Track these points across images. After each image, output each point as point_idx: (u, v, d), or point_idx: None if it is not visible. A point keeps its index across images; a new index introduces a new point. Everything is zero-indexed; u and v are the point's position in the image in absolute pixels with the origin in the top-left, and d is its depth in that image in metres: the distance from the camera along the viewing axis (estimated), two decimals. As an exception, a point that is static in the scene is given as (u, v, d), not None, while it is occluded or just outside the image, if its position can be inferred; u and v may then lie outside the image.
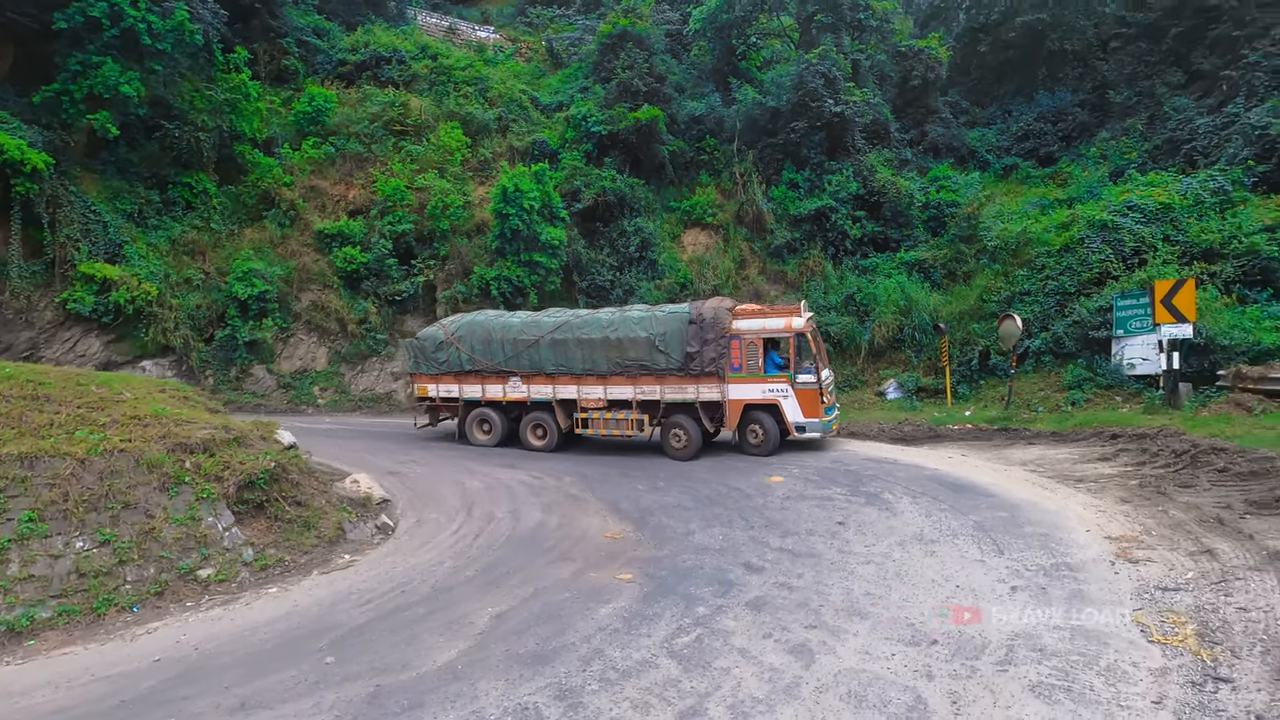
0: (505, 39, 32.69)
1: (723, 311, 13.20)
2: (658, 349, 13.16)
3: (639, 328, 13.34)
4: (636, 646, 5.94)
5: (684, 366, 13.08)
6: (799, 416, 12.86)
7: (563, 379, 14.01)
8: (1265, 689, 4.63)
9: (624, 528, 9.43)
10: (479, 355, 14.60)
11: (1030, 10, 24.18)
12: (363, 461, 12.83)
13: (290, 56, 24.96)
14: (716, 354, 12.92)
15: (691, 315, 13.13)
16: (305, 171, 22.40)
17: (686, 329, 13.06)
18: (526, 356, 14.17)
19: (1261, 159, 17.98)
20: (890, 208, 20.92)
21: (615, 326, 13.54)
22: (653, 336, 13.19)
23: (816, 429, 12.93)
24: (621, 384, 13.60)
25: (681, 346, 13.05)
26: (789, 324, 12.92)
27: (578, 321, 14.00)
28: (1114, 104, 23.57)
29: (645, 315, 13.63)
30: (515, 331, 14.34)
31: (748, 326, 13.05)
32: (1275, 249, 14.94)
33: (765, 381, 12.93)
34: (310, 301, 20.88)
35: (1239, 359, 13.21)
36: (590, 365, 13.73)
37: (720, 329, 12.94)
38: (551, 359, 13.99)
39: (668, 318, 13.33)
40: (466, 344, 14.73)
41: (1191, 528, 7.81)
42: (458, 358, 14.81)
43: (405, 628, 6.60)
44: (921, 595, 6.68)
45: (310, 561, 8.60)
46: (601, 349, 13.54)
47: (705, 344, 12.95)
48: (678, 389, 13.26)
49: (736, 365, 12.98)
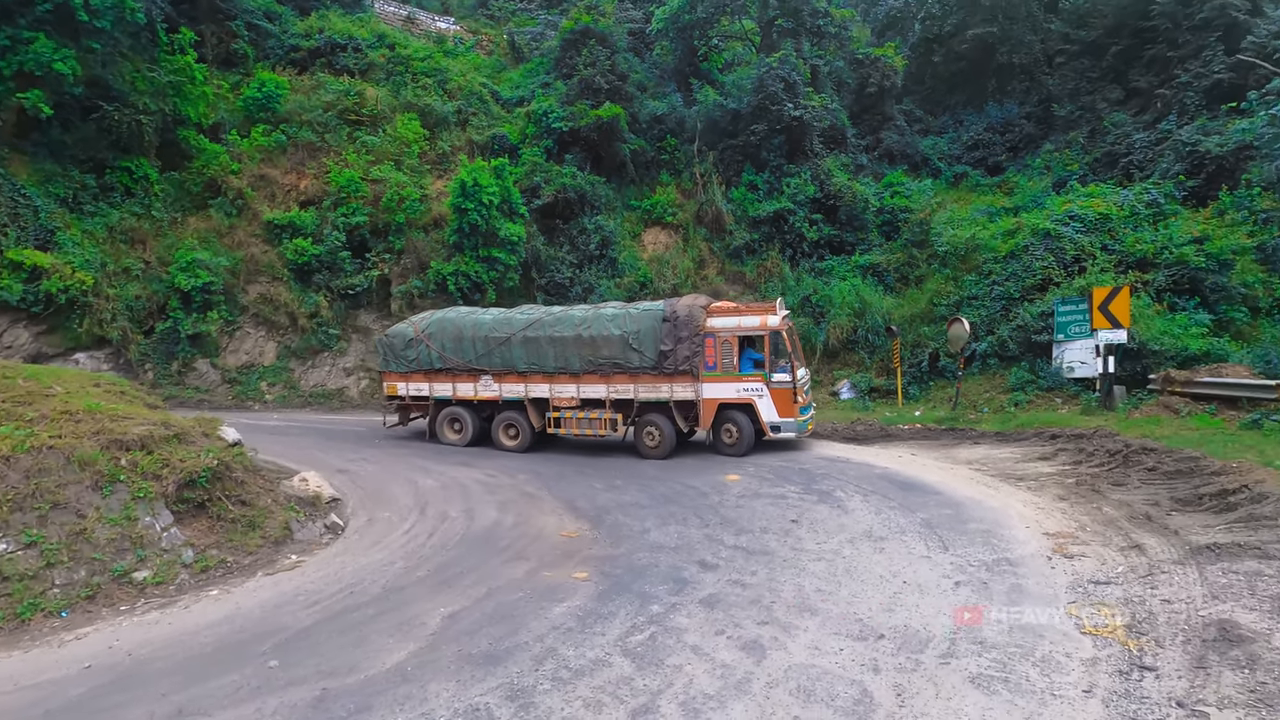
0: (466, 31, 32.19)
1: (697, 309, 13.08)
2: (631, 347, 13.00)
3: (613, 325, 13.18)
4: (590, 645, 5.93)
5: (658, 365, 12.94)
6: (774, 416, 12.80)
7: (535, 377, 13.79)
8: (1185, 677, 4.89)
9: (580, 526, 9.41)
10: (450, 353, 14.28)
11: (981, 24, 24.98)
12: (312, 459, 12.47)
13: (239, 40, 24.08)
14: (690, 352, 12.81)
15: (666, 313, 13.00)
16: (254, 159, 21.65)
17: (660, 327, 12.92)
18: (498, 354, 13.92)
19: (1191, 174, 18.99)
20: (846, 212, 21.35)
21: (588, 324, 13.36)
22: (626, 334, 13.04)
23: (791, 429, 12.89)
24: (595, 383, 13.42)
25: (655, 344, 12.92)
26: (764, 322, 12.83)
27: (550, 319, 13.78)
28: (1058, 117, 24.54)
29: (619, 313, 13.45)
30: (487, 329, 14.07)
31: (722, 324, 12.95)
32: (1203, 260, 15.77)
33: (740, 380, 12.84)
34: (258, 294, 20.20)
35: (1168, 364, 13.90)
36: (563, 363, 13.52)
37: (694, 327, 12.83)
38: (524, 357, 13.76)
39: (642, 315, 13.19)
40: (437, 341, 14.41)
41: (1122, 524, 8.19)
42: (428, 355, 14.48)
43: (354, 629, 6.46)
44: (870, 591, 6.84)
45: (255, 562, 8.33)
46: (574, 347, 13.35)
47: (679, 342, 12.83)
48: (652, 388, 13.12)
49: (711, 364, 12.85)
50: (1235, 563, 6.51)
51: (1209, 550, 6.92)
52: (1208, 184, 18.72)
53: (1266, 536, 6.91)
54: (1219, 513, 7.95)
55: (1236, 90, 18.48)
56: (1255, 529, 7.19)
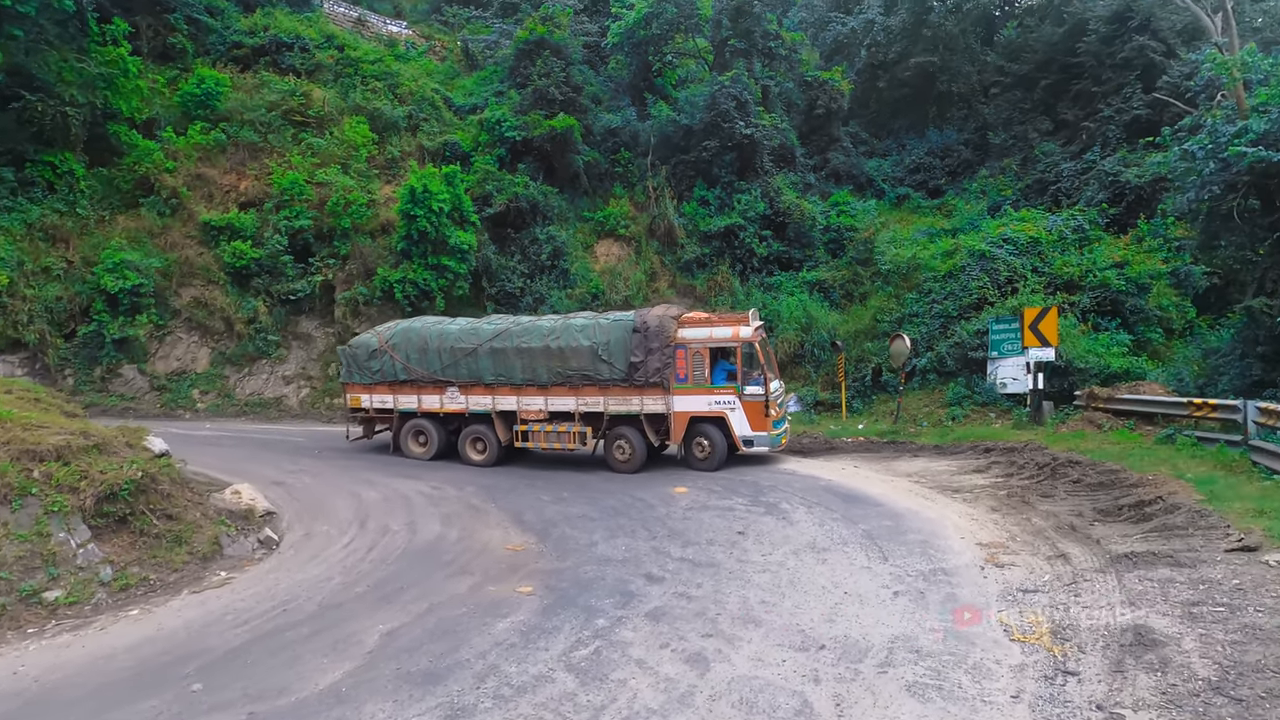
0: (419, 36, 31.75)
1: (668, 320, 12.83)
2: (601, 358, 12.71)
3: (581, 336, 12.88)
4: (533, 661, 5.85)
5: (628, 377, 12.63)
6: (746, 430, 12.56)
7: (502, 390, 13.39)
8: (1104, 680, 5.13)
9: (526, 539, 9.30)
10: (415, 364, 13.80)
11: (923, 53, 26.04)
12: (247, 471, 11.98)
13: (178, 34, 23.17)
14: (661, 364, 12.54)
15: (636, 323, 12.72)
16: (191, 158, 20.81)
17: (631, 337, 12.63)
18: (465, 365, 13.50)
19: (1113, 203, 20.19)
20: (795, 229, 21.84)
21: (557, 334, 13.04)
22: (595, 345, 12.74)
23: (764, 443, 12.66)
24: (563, 395, 13.10)
25: (625, 356, 12.62)
26: (736, 333, 12.63)
27: (518, 329, 13.43)
28: (993, 145, 25.75)
29: (588, 323, 13.18)
30: (453, 339, 13.64)
31: (694, 335, 12.69)
32: (1123, 284, 16.74)
33: (711, 393, 12.60)
34: (192, 298, 19.37)
35: (1092, 381, 14.65)
36: (531, 375, 13.18)
37: (665, 338, 12.57)
38: (490, 368, 13.37)
39: (611, 326, 12.93)
40: (401, 352, 13.91)
41: (1049, 534, 8.57)
42: (392, 366, 13.98)
43: (286, 649, 6.21)
44: (812, 602, 6.96)
45: (180, 580, 7.94)
46: (542, 358, 13.03)
47: (650, 353, 12.54)
48: (622, 400, 12.84)
49: (682, 376, 12.58)
50: (1150, 570, 6.89)
51: (1127, 559, 7.30)
52: (1128, 212, 19.93)
53: (1178, 545, 7.34)
54: (1136, 523, 8.40)
55: (1153, 126, 19.75)
56: (1168, 538, 7.63)
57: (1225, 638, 5.30)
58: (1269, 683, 4.61)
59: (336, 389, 19.40)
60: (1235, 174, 12.39)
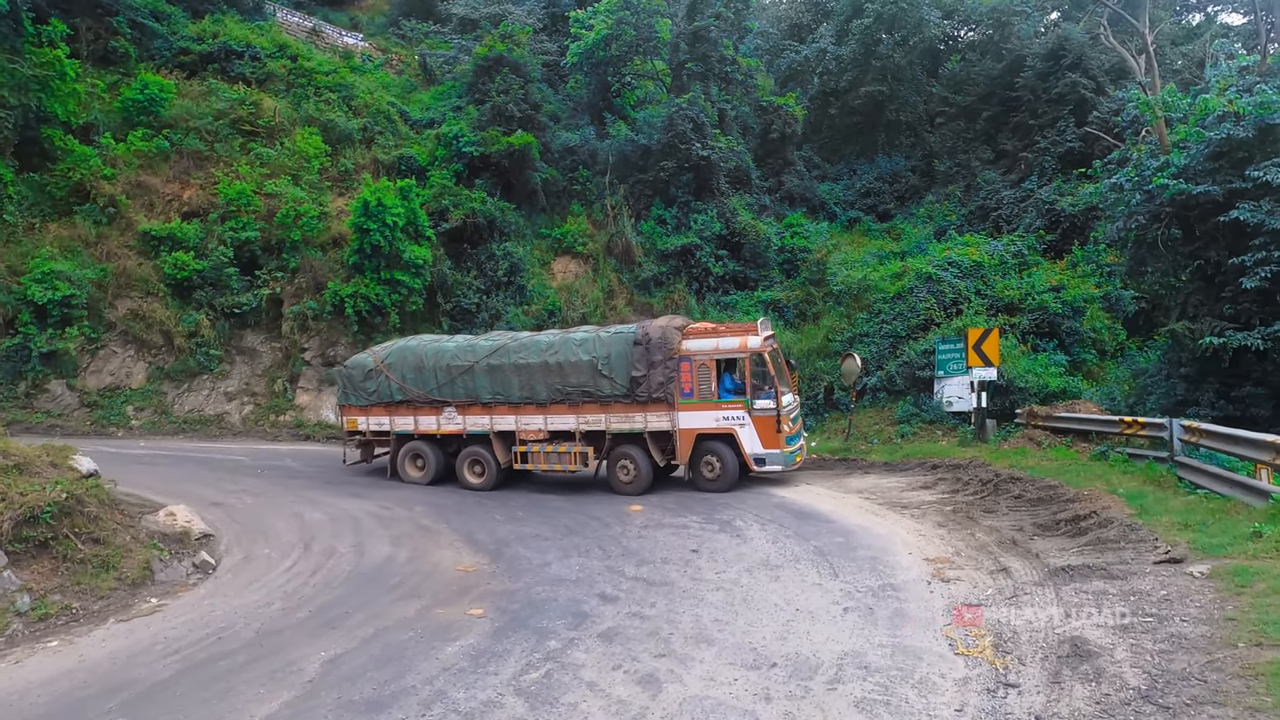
0: (375, 48, 31.41)
1: (671, 331, 12.26)
2: (601, 373, 12.18)
3: (581, 350, 12.37)
4: (482, 686, 5.71)
5: (630, 392, 12.08)
6: (757, 447, 11.90)
7: (500, 409, 12.85)
8: (1043, 692, 5.28)
9: (478, 560, 9.12)
10: (410, 384, 13.26)
11: (872, 82, 26.98)
12: (184, 491, 11.46)
13: (120, 38, 22.41)
14: (665, 378, 11.95)
15: (638, 335, 12.20)
16: (131, 165, 20.06)
17: (632, 350, 12.08)
18: (461, 384, 12.96)
19: (1049, 229, 21.19)
20: (750, 249, 22.22)
21: (555, 349, 12.53)
22: (595, 359, 12.21)
23: (778, 461, 11.98)
24: (563, 413, 12.55)
25: (627, 370, 12.06)
26: (744, 343, 12.02)
27: (515, 345, 12.94)
28: (938, 172, 26.76)
29: (588, 337, 12.71)
30: (449, 357, 13.13)
31: (699, 347, 12.10)
32: (1059, 307, 17.52)
33: (719, 408, 11.97)
34: (129, 310, 18.56)
35: (1032, 399, 15.24)
36: (529, 393, 12.63)
37: (669, 350, 12.00)
38: (488, 386, 12.82)
39: (612, 339, 12.44)
40: (397, 371, 13.39)
41: (992, 548, 8.82)
42: (388, 387, 13.42)
43: (219, 680, 5.92)
44: (765, 619, 6.99)
45: (106, 608, 7.52)
46: (541, 374, 12.50)
47: (652, 367, 11.98)
48: (624, 418, 12.29)
49: (687, 390, 11.96)
50: (1085, 583, 7.15)
51: (1064, 572, 7.57)
52: (1063, 239, 20.94)
53: (1111, 558, 7.64)
54: (1073, 536, 8.72)
55: (1086, 158, 20.85)
56: (1102, 551, 7.94)
57: (1154, 647, 5.52)
58: (1194, 690, 4.82)
59: (282, 405, 18.84)
60: (1159, 205, 13.15)
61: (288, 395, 18.96)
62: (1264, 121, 12.11)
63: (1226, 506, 8.50)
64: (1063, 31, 25.45)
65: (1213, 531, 7.71)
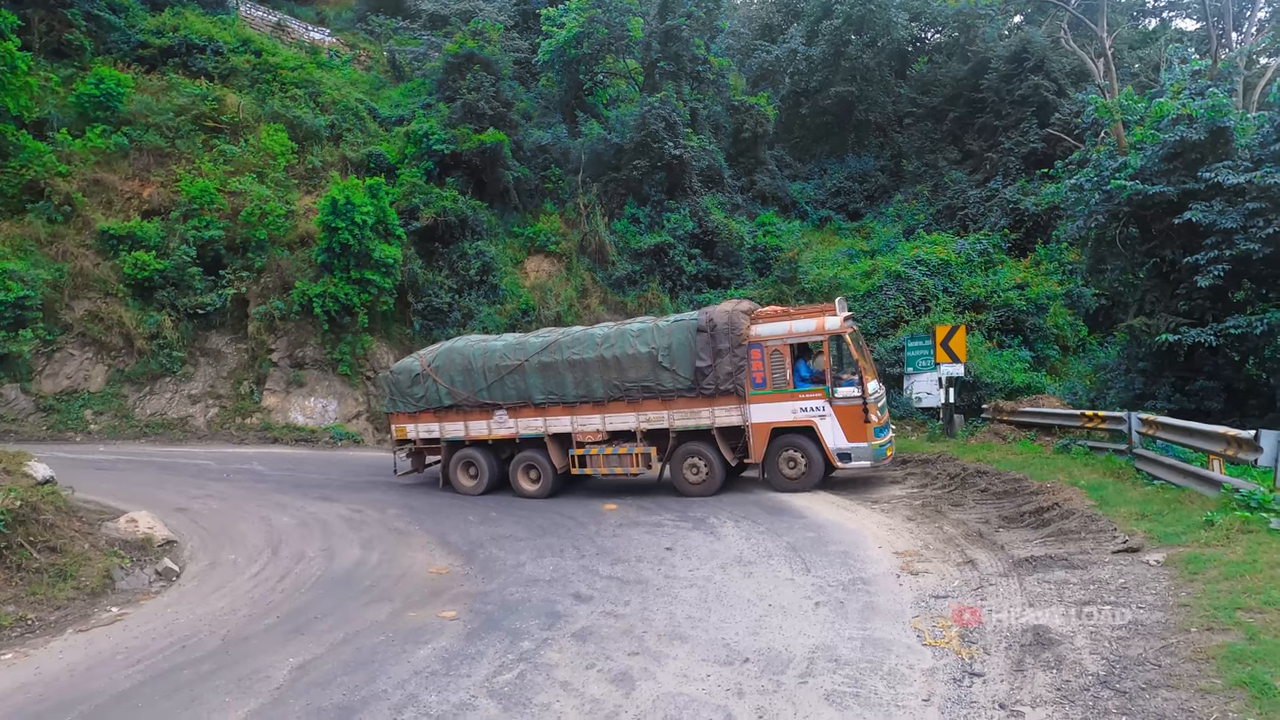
0: (343, 44, 30.91)
1: (739, 315, 11.36)
2: (662, 366, 11.39)
3: (638, 342, 11.61)
4: (455, 689, 5.68)
5: (695, 385, 11.26)
6: (841, 441, 10.92)
7: (554, 409, 12.14)
8: (1007, 680, 5.41)
9: (451, 562, 9.05)
10: (459, 387, 12.61)
11: (842, 83, 27.31)
12: (146, 497, 11.20)
13: (75, 30, 21.73)
14: (733, 367, 11.07)
15: (701, 322, 11.34)
16: (88, 162, 19.48)
17: (696, 339, 11.25)
18: (511, 385, 12.30)
19: (1014, 228, 21.67)
20: (723, 248, 22.34)
21: (611, 343, 11.77)
22: (655, 351, 11.44)
23: (865, 456, 10.97)
24: (622, 411, 11.79)
25: (691, 361, 11.25)
26: (821, 325, 11.02)
27: (567, 340, 12.21)
28: (907, 171, 27.19)
29: (645, 327, 11.91)
30: (497, 357, 12.46)
31: (770, 331, 11.19)
32: (1024, 304, 17.96)
33: (796, 399, 11.04)
34: (87, 311, 18.04)
35: (997, 394, 15.59)
36: (585, 390, 11.90)
37: (737, 336, 11.12)
38: (540, 386, 12.15)
39: (672, 327, 11.64)
40: (445, 375, 12.73)
41: (959, 541, 9.01)
42: (436, 391, 12.76)
43: (183, 689, 5.79)
44: (738, 615, 7.05)
45: (64, 618, 7.31)
46: (597, 370, 11.76)
47: (719, 356, 11.12)
48: (689, 413, 11.49)
49: (759, 380, 11.09)
50: (1048, 573, 7.33)
51: (1028, 563, 7.75)
52: (1027, 238, 21.43)
53: (1072, 549, 7.85)
54: (1036, 528, 8.94)
55: (1048, 158, 21.37)
56: (1064, 542, 8.16)
57: (1112, 634, 5.70)
58: (1149, 675, 4.98)
59: (248, 407, 18.47)
60: (1117, 205, 13.53)
61: (254, 397, 18.59)
62: (1215, 124, 12.53)
63: (1181, 496, 8.79)
64: (1025, 35, 26.02)
65: (1168, 521, 7.97)
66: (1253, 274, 12.52)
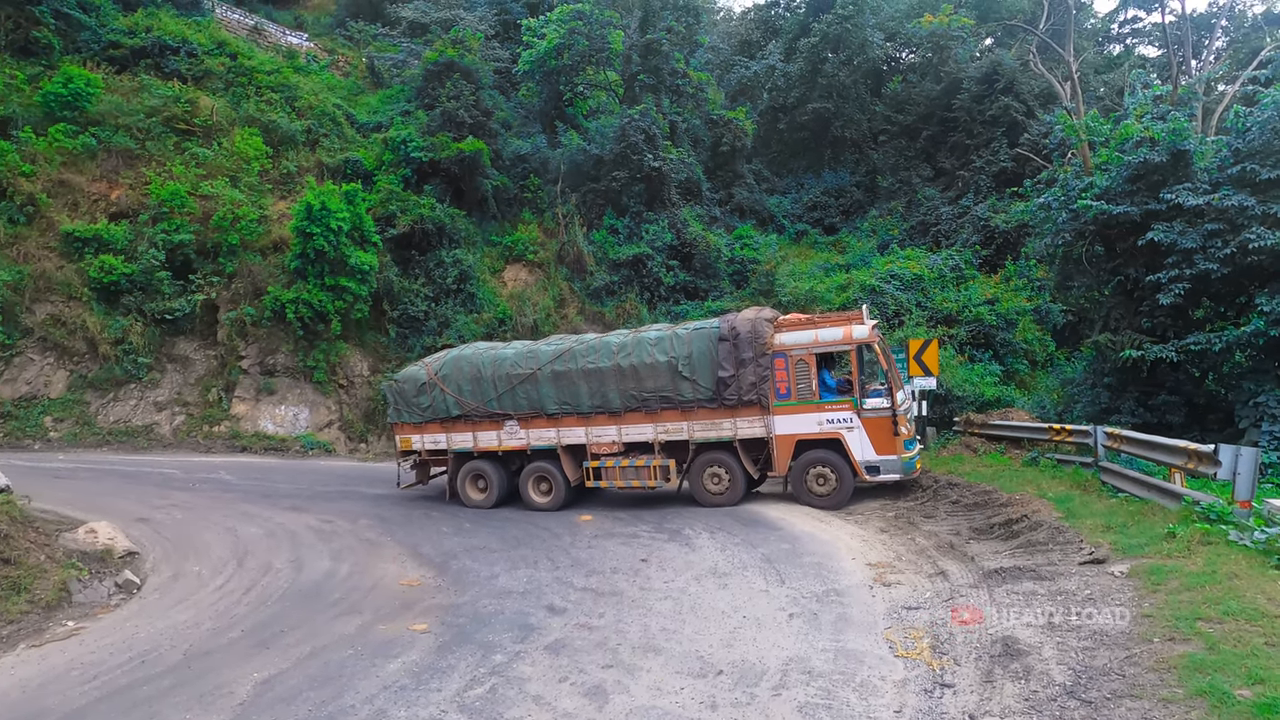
0: (321, 49, 30.66)
1: (762, 323, 11.04)
2: (682, 375, 11.06)
3: (657, 350, 11.26)
4: (424, 704, 5.58)
5: (716, 395, 10.95)
6: (869, 453, 10.64)
7: (568, 420, 11.80)
8: (977, 691, 5.47)
9: (424, 574, 8.91)
10: (467, 396, 12.23)
11: (819, 99, 27.79)
12: (107, 507, 10.89)
13: (43, 28, 21.27)
14: (757, 377, 10.76)
15: (722, 330, 11.01)
16: (53, 162, 19.03)
17: (717, 348, 10.96)
18: (523, 394, 11.92)
19: (985, 245, 22.15)
20: (700, 260, 22.51)
21: (628, 351, 11.40)
22: (674, 360, 11.10)
23: (895, 469, 10.70)
24: (639, 422, 11.45)
25: (712, 370, 10.93)
26: (849, 333, 10.70)
27: (582, 348, 11.81)
28: (881, 187, 27.69)
29: (664, 335, 11.54)
30: (508, 365, 12.08)
31: (795, 340, 10.83)
32: (994, 319, 18.33)
33: (822, 410, 10.69)
34: (48, 315, 17.57)
35: (968, 407, 15.84)
36: (600, 400, 11.55)
37: (760, 345, 10.82)
38: (553, 396, 11.78)
39: (692, 336, 11.27)
40: (452, 384, 12.32)
41: (931, 553, 9.10)
42: (443, 401, 12.38)
43: (142, 705, 5.62)
44: (712, 627, 7.04)
45: (17, 633, 7.05)
46: (613, 380, 11.39)
47: (742, 365, 10.83)
48: (710, 425, 11.17)
49: (783, 391, 10.74)
50: (1016, 584, 7.44)
51: (997, 574, 7.86)
52: (997, 254, 21.93)
53: (1040, 560, 7.98)
54: (1006, 540, 9.07)
55: (1017, 177, 21.93)
56: (1032, 554, 8.29)
57: (1078, 644, 5.79)
58: (1114, 684, 5.07)
59: (217, 415, 18.09)
60: (1083, 224, 13.90)
61: (223, 405, 18.21)
62: (1176, 147, 12.96)
63: (1144, 509, 8.97)
64: (996, 57, 26.76)
65: (1132, 533, 8.13)
66: (1211, 292, 12.92)
